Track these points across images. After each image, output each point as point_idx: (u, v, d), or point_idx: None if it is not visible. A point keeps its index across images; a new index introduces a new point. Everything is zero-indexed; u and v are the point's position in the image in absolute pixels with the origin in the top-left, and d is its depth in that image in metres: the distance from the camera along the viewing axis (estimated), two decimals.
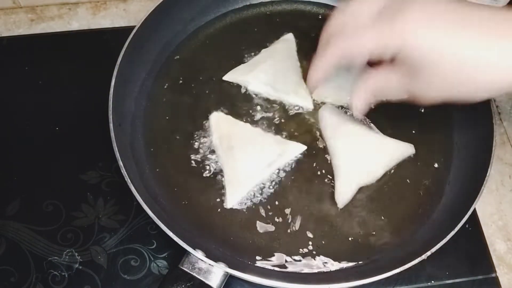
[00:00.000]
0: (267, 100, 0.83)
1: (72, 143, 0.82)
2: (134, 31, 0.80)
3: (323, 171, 0.77)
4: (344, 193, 0.74)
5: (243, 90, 0.84)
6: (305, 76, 0.83)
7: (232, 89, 0.84)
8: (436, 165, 0.79)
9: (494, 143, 0.73)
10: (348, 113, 0.81)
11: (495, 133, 0.74)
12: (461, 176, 0.77)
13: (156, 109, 0.82)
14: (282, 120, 0.81)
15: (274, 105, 0.83)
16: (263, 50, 0.87)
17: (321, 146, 0.79)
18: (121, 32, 0.82)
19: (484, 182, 0.70)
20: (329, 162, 0.77)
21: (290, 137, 0.80)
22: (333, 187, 0.75)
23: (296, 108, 0.83)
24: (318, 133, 0.80)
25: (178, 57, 0.88)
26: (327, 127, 0.79)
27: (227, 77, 0.85)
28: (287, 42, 0.88)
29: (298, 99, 0.83)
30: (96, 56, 0.91)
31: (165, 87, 0.84)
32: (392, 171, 0.78)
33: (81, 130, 0.83)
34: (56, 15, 0.98)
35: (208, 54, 0.89)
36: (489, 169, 0.71)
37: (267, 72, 0.83)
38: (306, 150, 0.78)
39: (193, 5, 0.90)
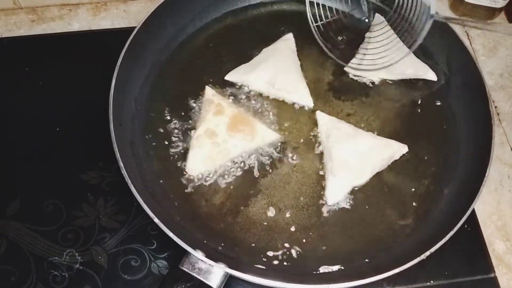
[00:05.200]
0: (267, 99, 0.84)
1: (72, 143, 0.82)
2: (135, 32, 0.80)
3: (320, 171, 0.78)
4: (335, 192, 0.75)
5: (245, 90, 0.85)
6: (305, 75, 0.86)
7: (233, 89, 0.85)
8: (435, 166, 0.80)
9: (493, 144, 0.74)
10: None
11: (494, 134, 0.75)
12: (460, 176, 0.78)
13: (157, 110, 0.82)
14: (282, 119, 0.82)
15: (273, 104, 0.84)
16: (264, 50, 0.88)
17: (318, 146, 0.80)
18: (122, 33, 0.82)
19: (483, 182, 0.70)
20: (323, 162, 0.78)
21: (288, 133, 0.81)
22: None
23: (297, 105, 0.84)
24: (315, 134, 0.81)
25: (178, 57, 0.88)
26: (322, 129, 0.80)
27: (229, 77, 0.85)
28: (287, 42, 0.89)
29: (299, 97, 0.84)
30: (96, 57, 0.91)
31: (166, 88, 0.85)
32: (392, 171, 0.78)
33: (81, 130, 0.83)
34: (56, 16, 0.99)
35: (208, 55, 0.89)
36: (488, 170, 0.71)
37: (268, 71, 0.83)
38: (304, 149, 0.79)
39: (193, 6, 0.90)
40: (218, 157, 0.76)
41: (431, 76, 0.87)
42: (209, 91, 0.82)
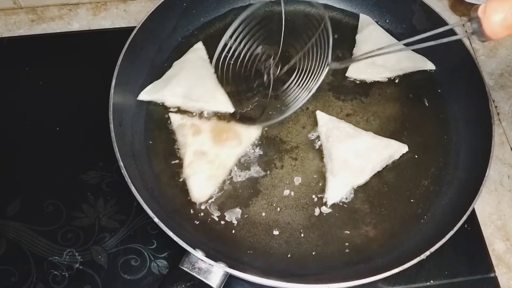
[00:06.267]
0: None
1: (72, 143, 0.82)
2: (134, 31, 0.80)
3: (320, 171, 0.78)
4: (335, 192, 0.75)
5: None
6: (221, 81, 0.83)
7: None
8: (435, 166, 0.80)
9: (493, 144, 0.74)
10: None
11: (494, 134, 0.75)
12: (460, 176, 0.78)
13: (157, 109, 0.82)
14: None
15: None
16: (175, 63, 0.85)
17: (317, 146, 0.80)
18: (122, 33, 0.82)
19: (483, 182, 0.70)
20: (323, 161, 0.78)
21: (288, 133, 0.81)
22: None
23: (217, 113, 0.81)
24: (315, 134, 0.81)
25: (178, 57, 0.88)
26: (322, 129, 0.80)
27: (142, 96, 0.82)
28: (198, 51, 0.87)
29: (218, 104, 0.82)
30: (96, 57, 0.91)
31: None
32: (392, 171, 0.78)
33: (81, 130, 0.83)
34: (56, 16, 0.99)
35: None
36: (488, 170, 0.71)
37: (182, 84, 0.81)
38: (304, 149, 0.79)
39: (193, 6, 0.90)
40: (218, 173, 0.75)
41: (430, 66, 0.88)
42: (175, 117, 0.80)
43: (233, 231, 0.72)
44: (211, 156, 0.75)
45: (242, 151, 0.78)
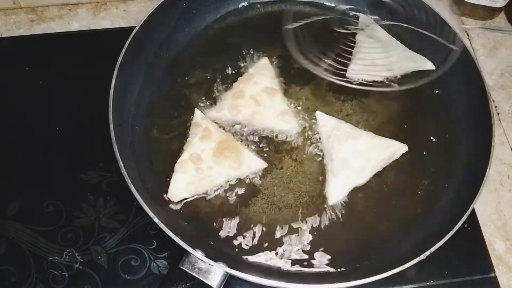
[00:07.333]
0: None
1: (72, 143, 0.82)
2: (134, 31, 0.80)
3: (320, 171, 0.78)
4: (335, 192, 0.75)
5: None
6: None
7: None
8: (435, 165, 0.80)
9: (493, 144, 0.74)
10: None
11: (494, 134, 0.75)
12: (460, 176, 0.78)
13: (157, 109, 0.82)
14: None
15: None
16: (240, 79, 0.83)
17: (318, 146, 0.80)
18: (121, 33, 0.82)
19: (483, 182, 0.70)
20: (323, 161, 0.78)
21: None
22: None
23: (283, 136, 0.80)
24: (315, 134, 0.81)
25: (178, 58, 0.88)
26: (322, 129, 0.80)
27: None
28: (263, 68, 0.85)
29: (284, 125, 0.80)
30: (96, 57, 0.91)
31: (166, 87, 0.85)
32: (392, 171, 0.78)
33: (81, 130, 0.83)
34: (56, 16, 0.99)
35: (208, 56, 0.89)
36: (488, 169, 0.71)
37: (245, 113, 0.80)
38: (304, 149, 0.79)
39: (193, 6, 0.90)
40: (200, 184, 0.74)
41: (430, 66, 0.88)
42: (197, 114, 0.79)
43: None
44: (203, 165, 0.74)
45: (235, 176, 0.76)
